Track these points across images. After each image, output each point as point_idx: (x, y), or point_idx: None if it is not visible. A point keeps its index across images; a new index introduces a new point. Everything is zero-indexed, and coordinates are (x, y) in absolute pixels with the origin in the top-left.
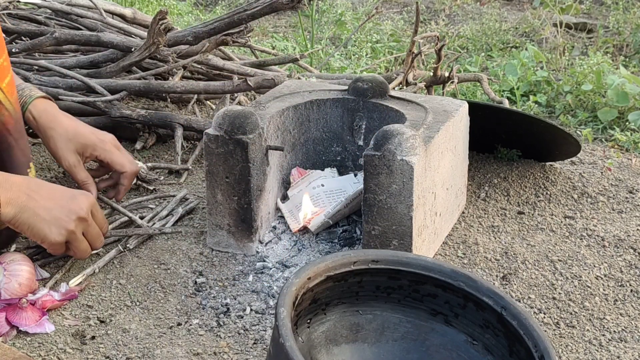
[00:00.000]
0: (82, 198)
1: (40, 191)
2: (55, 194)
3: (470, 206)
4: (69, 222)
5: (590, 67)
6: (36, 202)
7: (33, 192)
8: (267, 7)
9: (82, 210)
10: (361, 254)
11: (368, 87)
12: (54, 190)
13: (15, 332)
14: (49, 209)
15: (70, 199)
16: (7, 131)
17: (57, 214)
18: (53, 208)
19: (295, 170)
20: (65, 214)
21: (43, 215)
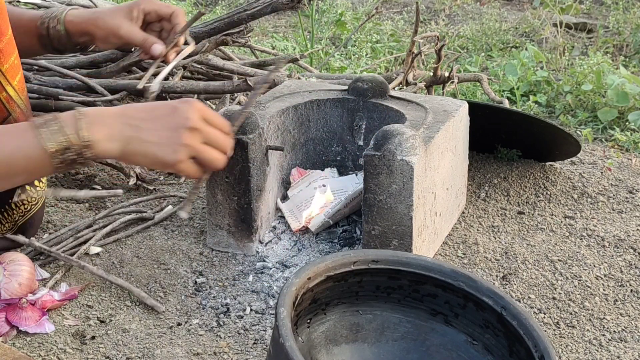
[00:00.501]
0: (184, 107)
1: (140, 115)
2: (155, 113)
3: (470, 206)
4: (180, 137)
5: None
6: (138, 128)
7: (133, 118)
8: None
9: (189, 120)
10: (361, 254)
11: (368, 87)
12: (153, 110)
13: (15, 332)
14: (154, 130)
15: (172, 113)
16: None
17: (164, 134)
18: (158, 128)
19: (295, 170)
20: (173, 129)
21: (151, 139)
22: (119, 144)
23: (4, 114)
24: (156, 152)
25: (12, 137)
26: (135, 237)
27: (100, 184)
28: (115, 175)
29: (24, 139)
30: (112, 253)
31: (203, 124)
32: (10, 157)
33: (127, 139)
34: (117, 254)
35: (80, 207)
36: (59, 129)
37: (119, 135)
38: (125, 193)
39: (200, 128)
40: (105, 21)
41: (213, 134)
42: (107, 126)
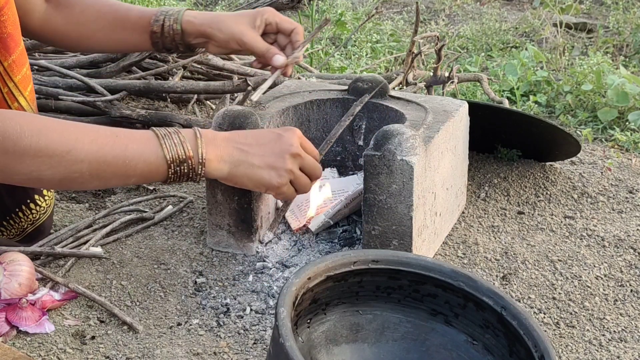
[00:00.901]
0: (288, 134)
1: (247, 141)
2: (262, 139)
3: (470, 206)
4: (285, 162)
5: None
6: (247, 153)
7: (242, 144)
8: None
9: (293, 147)
10: (361, 254)
11: (368, 87)
12: (260, 136)
13: (15, 332)
14: (261, 155)
15: (277, 140)
16: None
17: (271, 160)
18: (265, 154)
19: None
20: (278, 155)
21: (258, 164)
22: (228, 165)
23: None
24: (263, 175)
25: (135, 141)
26: (135, 237)
27: None
28: None
29: (147, 146)
30: (112, 253)
31: (302, 151)
32: (131, 159)
33: (236, 161)
34: (117, 254)
35: (80, 207)
36: (181, 142)
37: (229, 157)
38: (125, 193)
39: (301, 154)
40: (229, 26)
41: (310, 161)
42: (220, 148)
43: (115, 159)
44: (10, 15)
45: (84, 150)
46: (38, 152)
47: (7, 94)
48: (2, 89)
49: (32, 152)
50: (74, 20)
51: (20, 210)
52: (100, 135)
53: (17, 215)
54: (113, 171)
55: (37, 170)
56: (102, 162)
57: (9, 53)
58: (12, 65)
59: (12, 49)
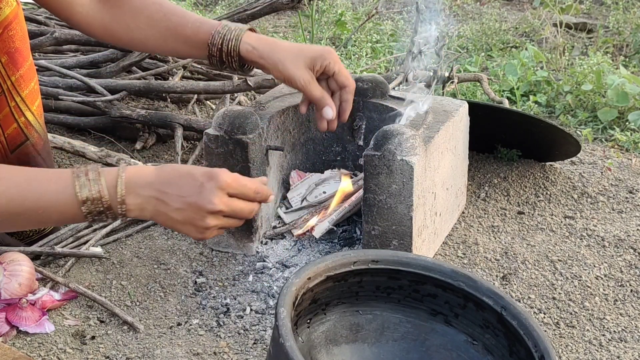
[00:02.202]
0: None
1: (170, 190)
2: (184, 190)
3: (470, 206)
4: (204, 221)
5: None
6: (167, 205)
7: (162, 193)
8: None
9: (212, 204)
10: (361, 254)
11: (368, 87)
12: (183, 186)
13: (15, 332)
14: (181, 209)
15: (199, 194)
16: (37, 152)
17: (189, 215)
18: (185, 208)
19: (294, 172)
20: (196, 213)
21: (176, 218)
22: (149, 214)
23: (21, 138)
24: (183, 229)
25: (50, 181)
26: (135, 237)
27: None
28: None
29: (63, 193)
30: (112, 253)
31: (227, 202)
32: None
33: (156, 212)
34: (117, 254)
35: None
36: (95, 180)
37: (148, 206)
38: None
39: (223, 210)
40: (286, 67)
41: (237, 208)
42: (140, 197)
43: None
44: (19, 30)
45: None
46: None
47: (14, 108)
48: (10, 103)
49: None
50: (125, 23)
51: None
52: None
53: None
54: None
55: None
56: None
57: (16, 68)
58: (20, 80)
59: (20, 64)
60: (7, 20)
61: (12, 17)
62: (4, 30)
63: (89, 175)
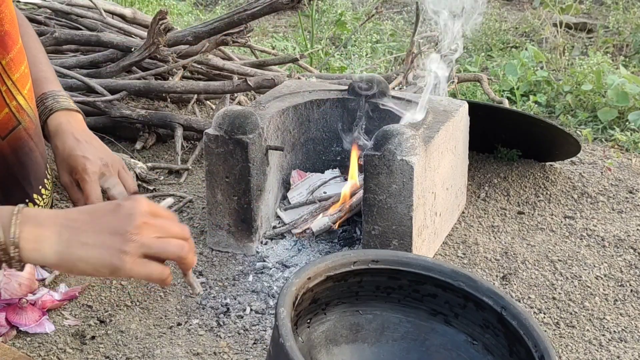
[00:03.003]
0: (127, 204)
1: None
2: (98, 212)
3: (470, 206)
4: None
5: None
6: (77, 230)
7: (71, 220)
8: (267, 7)
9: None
10: (361, 254)
11: (368, 87)
12: (94, 210)
13: (15, 332)
14: (93, 232)
15: (114, 212)
16: (29, 136)
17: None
18: (98, 230)
19: (295, 172)
20: (114, 230)
21: (92, 242)
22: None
23: (13, 123)
24: (99, 255)
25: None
26: None
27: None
28: None
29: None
30: None
31: (150, 218)
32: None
33: (64, 242)
34: None
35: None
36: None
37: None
38: None
39: (147, 222)
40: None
41: (165, 225)
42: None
43: None
44: (8, 13)
45: None
46: None
47: (5, 92)
48: (1, 87)
49: None
50: None
51: None
52: None
53: None
54: None
55: None
56: None
57: (6, 51)
58: (10, 63)
59: (10, 47)
60: None
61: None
62: None
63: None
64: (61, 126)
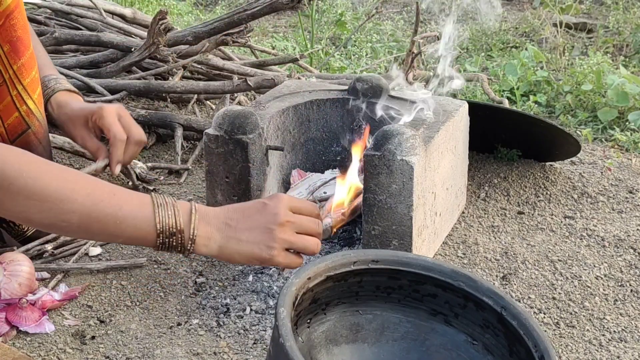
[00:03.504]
0: (272, 203)
1: (235, 215)
2: (249, 211)
3: (470, 206)
4: (271, 234)
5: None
6: (235, 228)
7: (229, 219)
8: (267, 7)
9: (278, 216)
10: (361, 254)
11: (368, 87)
12: (247, 209)
13: (15, 332)
14: (248, 229)
15: (262, 210)
16: (37, 140)
17: (257, 233)
18: (251, 227)
19: (295, 171)
20: (264, 227)
21: (246, 238)
22: (217, 242)
23: (23, 127)
24: (253, 249)
25: (130, 204)
26: None
27: None
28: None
29: (141, 211)
30: (112, 253)
31: (292, 216)
32: (122, 221)
33: (224, 238)
34: (117, 254)
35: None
36: (174, 214)
37: (218, 233)
38: None
39: (290, 220)
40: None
41: (303, 222)
42: (210, 225)
43: (106, 217)
44: (20, 18)
45: (77, 202)
46: (32, 194)
47: (16, 97)
48: (12, 92)
49: (26, 193)
50: None
51: None
52: (97, 190)
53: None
54: (102, 228)
55: (27, 211)
56: (93, 218)
57: (18, 56)
58: (22, 68)
59: (22, 53)
60: (8, 10)
61: (13, 7)
62: (6, 20)
63: (168, 209)
64: (66, 100)
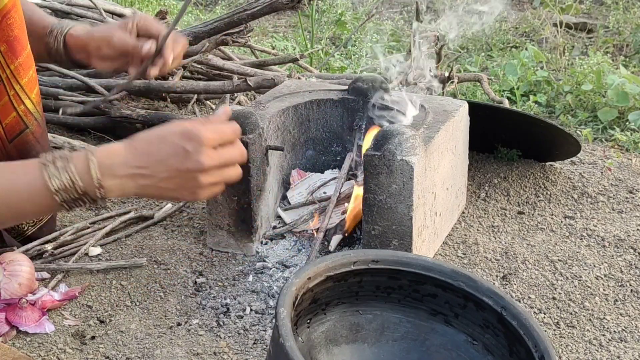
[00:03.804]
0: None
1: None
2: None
3: (470, 206)
4: (197, 181)
5: (590, 67)
6: (152, 177)
7: (143, 168)
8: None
9: (201, 164)
10: (361, 254)
11: (368, 87)
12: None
13: (15, 332)
14: (168, 178)
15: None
16: (35, 139)
17: (179, 182)
18: (172, 176)
19: (295, 171)
20: (186, 177)
21: (165, 186)
22: (132, 191)
23: (21, 127)
24: (175, 196)
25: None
26: (135, 237)
27: None
28: None
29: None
30: (112, 253)
31: (216, 158)
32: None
33: (140, 187)
34: (117, 254)
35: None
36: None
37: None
38: None
39: (214, 164)
40: (100, 31)
41: (228, 159)
42: (117, 177)
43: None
44: (17, 18)
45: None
46: None
47: (13, 97)
48: (9, 91)
49: None
50: None
51: None
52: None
53: None
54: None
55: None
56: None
57: (15, 56)
58: (19, 68)
59: (19, 52)
60: (6, 9)
61: (10, 6)
62: (3, 19)
63: (57, 164)
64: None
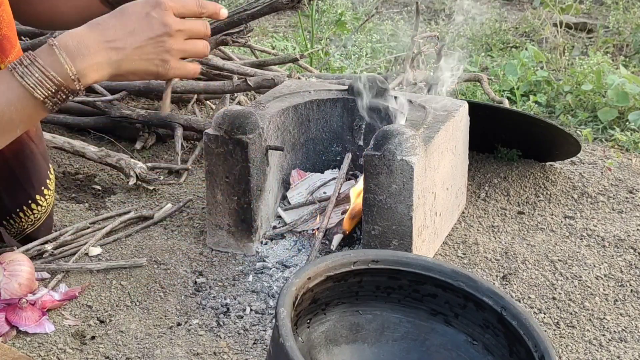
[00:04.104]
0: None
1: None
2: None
3: (470, 206)
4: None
5: (590, 67)
6: (123, 50)
7: (113, 41)
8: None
9: (167, 26)
10: (361, 254)
11: (368, 87)
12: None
13: (15, 332)
14: (138, 47)
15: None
16: (30, 138)
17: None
18: (141, 45)
19: (295, 171)
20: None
21: (138, 57)
22: (107, 71)
23: None
24: (147, 67)
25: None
26: (135, 237)
27: (100, 183)
28: (115, 175)
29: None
30: (112, 253)
31: (180, 23)
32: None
33: (115, 63)
34: (117, 254)
35: (80, 207)
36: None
37: (103, 62)
38: (124, 193)
39: (179, 29)
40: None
41: (192, 28)
42: (92, 55)
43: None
44: (6, 16)
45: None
46: None
47: None
48: None
49: None
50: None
51: (21, 210)
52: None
53: (17, 216)
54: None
55: None
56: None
57: (4, 55)
58: None
59: (9, 51)
60: None
61: None
62: None
63: (24, 62)
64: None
